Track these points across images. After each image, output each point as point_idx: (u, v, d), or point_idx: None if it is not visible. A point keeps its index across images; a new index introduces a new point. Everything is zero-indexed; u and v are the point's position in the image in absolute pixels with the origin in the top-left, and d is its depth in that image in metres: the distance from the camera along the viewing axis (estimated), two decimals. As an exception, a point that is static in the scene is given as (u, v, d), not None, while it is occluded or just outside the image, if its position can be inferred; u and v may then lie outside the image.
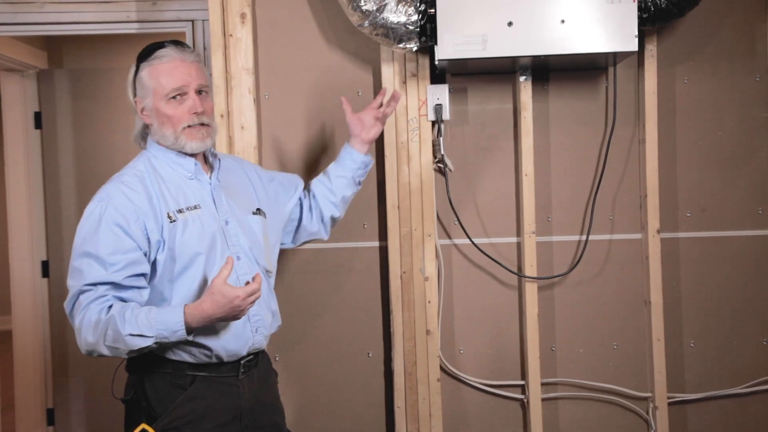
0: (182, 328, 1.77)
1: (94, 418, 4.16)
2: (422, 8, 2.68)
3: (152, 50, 1.98)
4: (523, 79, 2.89)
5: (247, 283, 1.85)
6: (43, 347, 4.17)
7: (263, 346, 2.05)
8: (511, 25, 2.63)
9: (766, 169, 2.98)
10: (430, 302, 2.91)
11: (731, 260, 2.99)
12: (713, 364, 3.00)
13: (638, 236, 2.98)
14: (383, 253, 2.97)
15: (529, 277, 2.92)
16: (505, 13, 2.63)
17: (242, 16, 2.87)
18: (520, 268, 2.98)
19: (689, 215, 2.98)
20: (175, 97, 1.95)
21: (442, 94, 2.87)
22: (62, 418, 4.19)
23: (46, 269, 4.17)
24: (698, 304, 2.99)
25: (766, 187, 2.98)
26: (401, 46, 2.74)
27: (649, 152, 2.90)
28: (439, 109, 2.87)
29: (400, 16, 2.69)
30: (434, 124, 2.90)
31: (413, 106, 2.89)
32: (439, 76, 2.91)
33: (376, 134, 2.49)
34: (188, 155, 2.00)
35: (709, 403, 3.00)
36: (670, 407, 2.94)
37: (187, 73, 1.95)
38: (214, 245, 1.94)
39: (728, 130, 2.97)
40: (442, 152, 2.90)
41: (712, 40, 2.95)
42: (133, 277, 1.87)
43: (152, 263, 1.91)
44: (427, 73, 2.89)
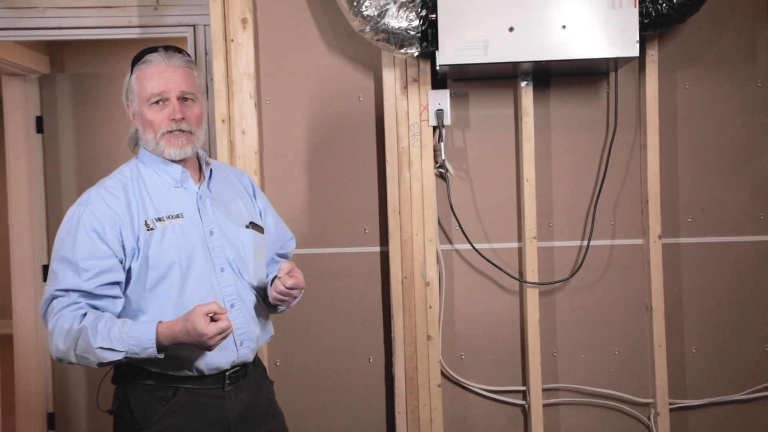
0: (153, 345, 1.74)
1: (94, 422, 4.15)
2: (423, 13, 2.68)
3: (143, 55, 1.97)
4: (524, 84, 2.89)
5: (212, 319, 1.75)
6: (43, 351, 4.17)
7: (249, 358, 1.99)
8: (512, 30, 2.63)
9: (767, 174, 2.98)
10: (431, 307, 2.91)
11: (733, 266, 2.98)
12: (715, 369, 2.99)
13: (640, 242, 2.98)
14: (384, 258, 2.97)
15: (530, 282, 2.91)
16: (506, 18, 2.63)
17: (243, 21, 2.87)
18: (521, 273, 2.97)
19: (690, 221, 2.97)
20: (158, 102, 1.92)
21: (443, 99, 2.87)
22: (63, 422, 4.18)
23: (47, 274, 4.16)
24: (700, 309, 2.99)
25: (767, 192, 2.98)
26: (402, 51, 2.75)
27: (650, 157, 2.90)
28: (440, 114, 2.87)
29: (401, 21, 2.69)
30: (435, 129, 2.90)
31: (414, 111, 2.89)
32: (440, 81, 2.92)
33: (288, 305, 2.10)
34: (175, 162, 1.97)
35: (710, 409, 2.99)
36: (671, 413, 2.93)
37: (170, 78, 1.92)
38: (193, 256, 1.90)
39: (729, 135, 2.97)
40: (443, 157, 2.90)
41: (713, 45, 2.95)
42: (106, 285, 1.84)
43: (127, 271, 1.88)
44: (428, 78, 2.89)
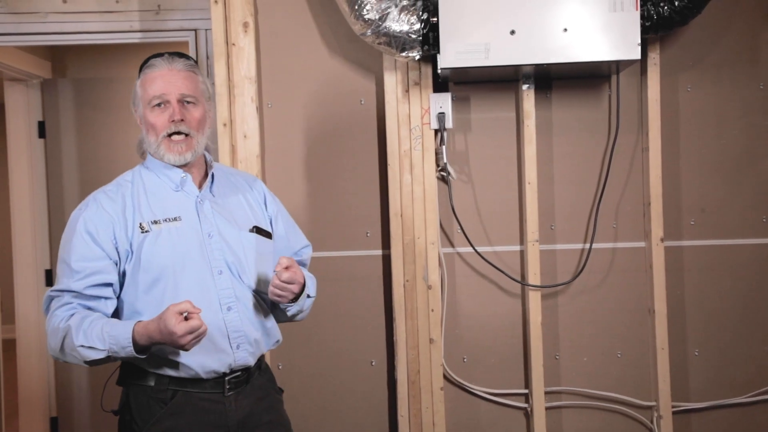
0: (130, 344, 1.75)
1: (97, 426, 4.15)
2: (425, 17, 2.69)
3: (148, 60, 2.00)
4: (525, 87, 2.89)
5: (186, 319, 1.73)
6: (46, 356, 4.16)
7: (249, 363, 1.98)
8: (513, 33, 2.64)
9: (769, 176, 2.98)
10: (433, 310, 2.91)
11: (735, 268, 2.98)
12: (718, 372, 2.99)
13: (642, 244, 2.97)
14: (386, 261, 2.97)
15: (532, 285, 2.91)
16: (507, 21, 2.63)
17: (245, 25, 2.88)
18: (523, 276, 2.97)
19: (693, 223, 2.97)
20: (159, 105, 1.94)
21: (444, 102, 2.88)
22: (65, 426, 4.18)
23: (49, 278, 4.17)
24: (702, 312, 2.98)
25: (769, 194, 2.98)
26: (404, 54, 2.75)
27: (652, 160, 2.90)
28: (441, 117, 2.87)
29: (402, 24, 2.69)
30: (437, 132, 2.90)
31: (416, 114, 2.89)
32: (441, 84, 2.92)
33: (288, 301, 2.02)
34: (178, 166, 1.98)
35: (713, 412, 2.99)
36: (674, 416, 2.93)
37: (170, 81, 1.94)
38: (189, 258, 1.91)
39: (731, 138, 2.97)
40: (444, 160, 2.90)
41: (715, 48, 2.95)
42: (97, 287, 1.86)
43: (122, 274, 1.91)
44: (429, 81, 2.89)
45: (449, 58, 2.65)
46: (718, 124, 2.97)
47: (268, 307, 2.06)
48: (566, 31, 2.63)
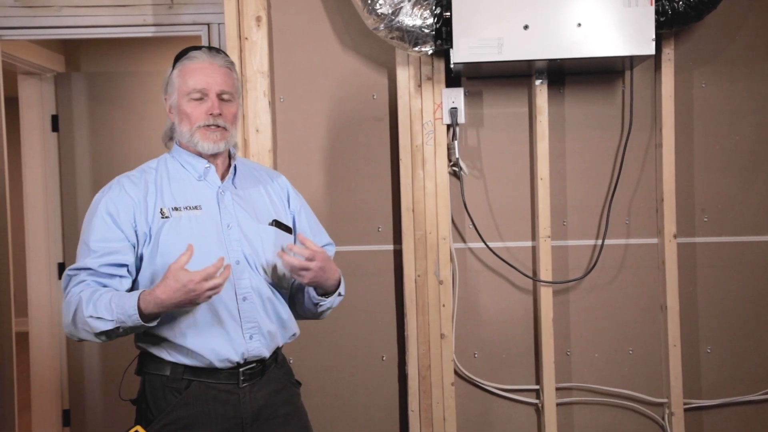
0: (135, 312, 1.76)
1: (109, 419, 4.17)
2: (438, 11, 2.68)
3: (187, 51, 2.03)
4: (538, 82, 2.88)
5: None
6: (59, 349, 4.20)
7: (263, 354, 1.98)
8: (527, 28, 2.63)
9: (784, 173, 2.96)
10: (444, 306, 2.90)
11: (748, 265, 2.96)
12: (730, 370, 2.98)
13: (654, 241, 2.96)
14: (397, 256, 2.97)
15: (544, 281, 2.90)
16: (521, 16, 2.62)
17: (258, 19, 2.88)
18: (535, 272, 2.97)
19: (706, 220, 2.96)
20: (198, 97, 1.97)
21: (457, 97, 2.87)
22: (78, 419, 4.21)
23: (62, 271, 4.17)
24: (715, 309, 2.97)
25: (784, 191, 2.96)
26: (416, 49, 2.74)
27: (665, 157, 2.89)
28: (454, 112, 2.86)
29: (415, 19, 2.69)
30: (449, 127, 2.90)
31: (428, 109, 2.89)
32: (454, 79, 2.91)
33: (309, 280, 1.97)
34: (202, 157, 2.02)
35: (725, 409, 2.98)
36: (686, 413, 2.92)
37: (211, 76, 1.98)
38: (206, 247, 1.92)
39: (746, 134, 2.95)
40: (456, 155, 2.89)
41: (730, 44, 2.94)
42: (111, 266, 1.89)
43: (140, 258, 1.93)
44: (442, 76, 2.88)
45: (462, 52, 2.65)
46: (732, 120, 2.95)
47: (285, 300, 2.07)
48: (580, 26, 2.62)
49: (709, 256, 2.96)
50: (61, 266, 4.20)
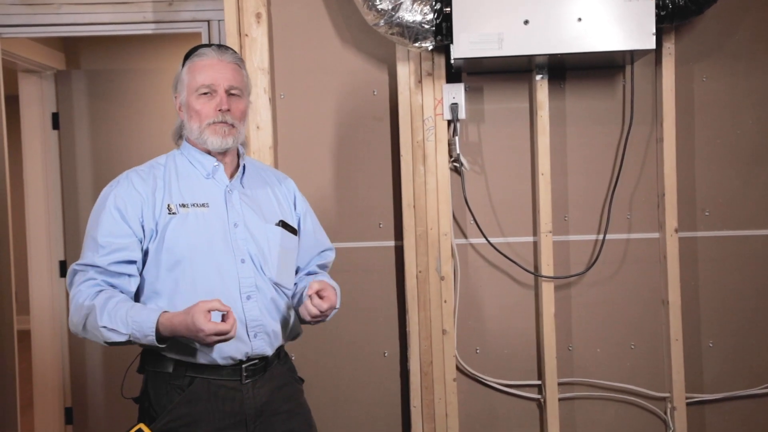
0: (153, 333, 1.77)
1: (112, 417, 4.18)
2: (438, 7, 2.68)
3: (196, 48, 2.04)
4: (539, 77, 2.88)
5: (223, 318, 1.76)
6: (61, 347, 4.20)
7: (267, 352, 1.99)
8: (527, 23, 2.62)
9: (785, 167, 2.96)
10: (446, 302, 2.90)
11: (750, 260, 2.96)
12: (732, 364, 2.97)
13: (656, 235, 2.96)
14: (399, 252, 2.97)
15: (545, 276, 2.90)
16: (521, 11, 2.62)
17: (258, 16, 2.88)
18: (536, 267, 2.97)
19: (707, 214, 2.96)
20: (206, 93, 1.98)
21: (457, 93, 2.87)
22: (80, 417, 4.21)
23: (63, 269, 4.19)
24: (716, 303, 2.97)
25: (785, 185, 2.96)
26: (417, 45, 2.74)
27: (666, 151, 2.88)
28: (454, 108, 2.86)
29: (415, 15, 2.68)
30: (450, 123, 2.89)
31: (429, 105, 2.88)
32: (454, 75, 2.91)
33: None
34: (211, 155, 2.02)
35: (727, 403, 2.98)
36: (688, 407, 2.92)
37: (220, 72, 1.98)
38: (212, 245, 1.93)
39: (747, 129, 2.95)
40: (457, 151, 2.89)
41: (731, 38, 2.93)
42: (121, 263, 1.89)
43: (145, 253, 1.94)
44: (442, 72, 2.88)
45: (462, 48, 2.64)
46: (733, 114, 2.95)
47: (289, 300, 2.08)
48: (580, 20, 2.62)
49: (710, 250, 2.96)
50: (62, 264, 4.20)
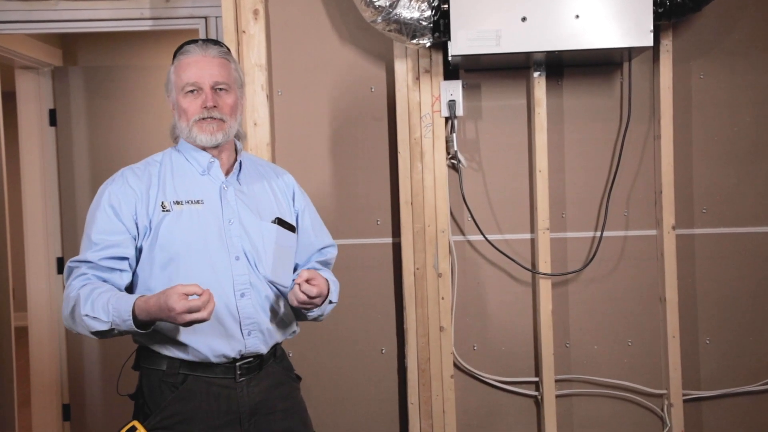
0: (130, 318, 1.77)
1: (109, 414, 4.18)
2: (435, 4, 2.68)
3: (182, 46, 2.03)
4: (536, 74, 2.88)
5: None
6: (58, 343, 4.20)
7: (261, 350, 1.98)
8: (524, 20, 2.62)
9: (782, 164, 2.96)
10: (443, 298, 2.91)
11: (747, 257, 2.96)
12: (729, 361, 2.98)
13: (653, 233, 2.96)
14: (396, 249, 2.97)
15: (542, 273, 2.91)
16: (518, 8, 2.62)
17: (255, 12, 2.87)
18: (533, 264, 2.97)
19: (705, 212, 2.96)
20: (192, 91, 1.97)
21: (455, 90, 2.87)
22: (78, 413, 4.21)
23: (61, 266, 4.19)
24: (714, 300, 2.97)
25: (782, 183, 2.96)
26: (414, 41, 2.74)
27: (664, 148, 2.88)
28: (452, 105, 2.86)
29: (413, 11, 2.68)
30: (447, 120, 2.89)
31: (426, 102, 2.88)
32: (452, 71, 2.91)
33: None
34: (208, 151, 2.01)
35: (724, 400, 2.98)
36: (685, 404, 2.92)
37: (204, 68, 1.97)
38: (206, 242, 1.93)
39: (744, 126, 2.95)
40: (455, 148, 2.89)
41: (728, 35, 2.93)
42: (112, 259, 1.90)
43: (139, 250, 1.94)
44: (440, 69, 2.88)
45: (460, 45, 2.64)
46: (731, 111, 2.95)
47: (285, 298, 2.06)
48: (578, 17, 2.62)
49: (707, 247, 2.97)
50: (60, 261, 4.20)
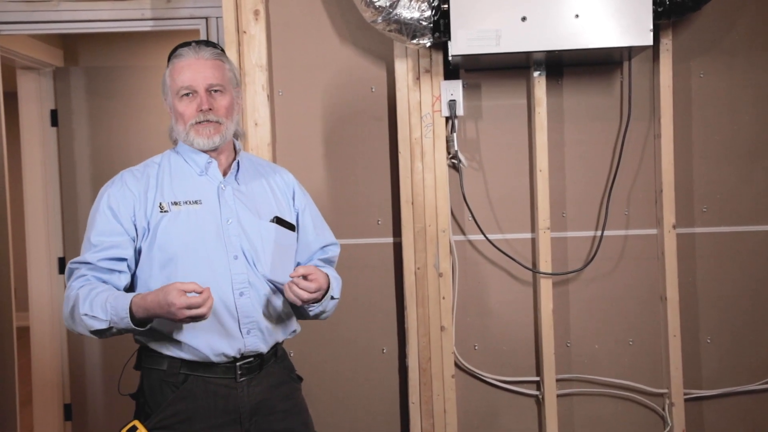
0: (127, 315, 1.78)
1: (111, 413, 4.18)
2: (435, 4, 2.68)
3: (176, 49, 2.03)
4: (537, 74, 2.88)
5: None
6: (60, 343, 4.20)
7: (261, 349, 1.99)
8: (524, 20, 2.62)
9: (783, 163, 2.96)
10: (444, 298, 2.91)
11: (748, 255, 2.97)
12: (730, 360, 2.98)
13: (654, 232, 2.96)
14: (397, 249, 2.98)
15: (543, 273, 2.91)
16: (518, 8, 2.62)
17: (255, 12, 2.88)
18: (534, 264, 2.97)
19: (705, 210, 2.96)
20: (188, 94, 1.98)
21: (455, 89, 2.87)
22: (79, 413, 4.22)
23: (62, 266, 4.20)
24: (714, 299, 2.97)
25: (783, 181, 2.96)
26: (414, 41, 2.74)
27: (664, 147, 2.88)
28: (452, 104, 2.86)
29: (413, 11, 2.68)
30: (448, 119, 2.90)
31: (427, 102, 2.89)
32: (452, 71, 2.91)
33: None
34: (206, 152, 2.02)
35: (725, 399, 2.98)
36: (686, 403, 2.92)
37: (198, 71, 1.97)
38: (204, 241, 1.94)
39: (744, 124, 2.95)
40: (455, 148, 2.89)
41: (728, 34, 2.93)
42: (111, 260, 1.92)
43: (138, 251, 1.95)
44: (440, 68, 2.88)
45: (460, 45, 2.65)
46: (731, 110, 2.95)
47: (285, 297, 2.05)
48: (578, 17, 2.62)
49: (708, 246, 2.97)
50: (61, 261, 4.21)
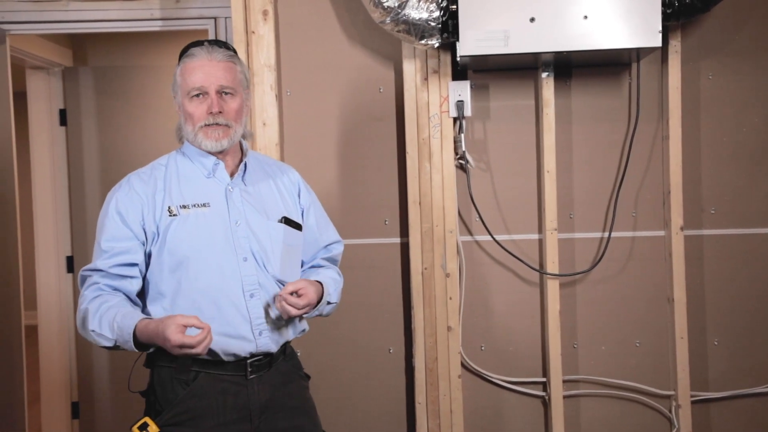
0: (131, 339, 1.79)
1: (118, 411, 4.19)
2: (444, 4, 2.68)
3: (188, 48, 2.02)
4: (545, 75, 2.88)
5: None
6: (68, 342, 4.22)
7: (271, 349, 2.00)
8: (533, 21, 2.62)
9: (791, 165, 2.95)
10: (451, 299, 2.91)
11: (755, 258, 2.96)
12: (737, 362, 2.97)
13: (661, 233, 2.96)
14: (404, 249, 2.98)
15: (550, 273, 2.91)
16: (527, 9, 2.62)
17: (264, 13, 2.88)
18: (541, 264, 2.97)
19: (713, 212, 2.95)
20: (198, 95, 1.97)
21: (463, 90, 2.87)
22: (87, 411, 4.23)
23: (71, 265, 4.21)
24: (722, 301, 2.97)
25: (791, 183, 2.95)
26: (423, 42, 2.74)
27: (672, 149, 2.88)
28: (460, 105, 2.86)
29: (421, 12, 2.69)
30: (456, 120, 2.90)
31: (435, 102, 2.89)
32: (460, 72, 2.91)
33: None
34: (213, 154, 2.02)
35: (732, 401, 2.97)
36: (693, 405, 2.92)
37: (210, 73, 1.96)
38: (213, 244, 1.94)
39: (753, 126, 2.94)
40: (463, 148, 2.89)
41: (737, 35, 2.92)
42: (122, 266, 1.92)
43: (148, 255, 1.96)
44: (448, 69, 2.88)
45: (468, 45, 2.65)
46: (739, 112, 2.94)
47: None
48: (586, 18, 2.62)
49: (716, 248, 2.96)
50: (69, 260, 4.22)
